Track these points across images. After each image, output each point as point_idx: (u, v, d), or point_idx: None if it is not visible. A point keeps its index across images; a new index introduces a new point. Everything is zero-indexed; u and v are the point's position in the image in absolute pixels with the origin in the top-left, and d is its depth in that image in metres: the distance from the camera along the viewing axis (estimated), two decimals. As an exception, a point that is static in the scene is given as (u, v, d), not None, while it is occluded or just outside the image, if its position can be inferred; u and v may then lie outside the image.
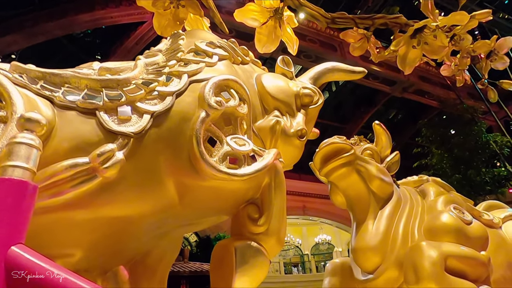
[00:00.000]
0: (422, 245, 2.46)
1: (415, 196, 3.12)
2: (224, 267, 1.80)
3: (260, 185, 1.92)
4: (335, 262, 3.27)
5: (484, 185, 7.71)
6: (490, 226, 3.02)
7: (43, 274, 1.03)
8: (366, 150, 3.18)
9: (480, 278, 2.48)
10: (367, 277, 2.76)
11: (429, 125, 9.06)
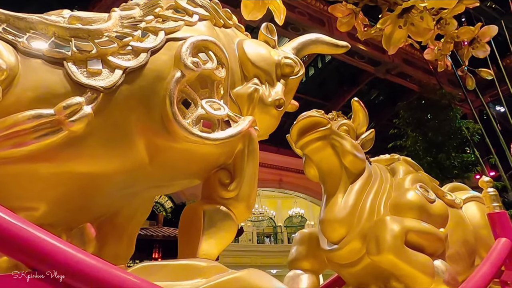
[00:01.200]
0: (386, 220, 2.57)
1: (385, 174, 3.22)
2: (192, 230, 1.83)
3: (233, 151, 1.92)
4: (303, 232, 3.38)
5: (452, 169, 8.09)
6: (451, 205, 3.17)
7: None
8: (343, 125, 3.22)
9: (436, 252, 2.62)
10: (332, 247, 2.87)
11: (407, 108, 9.27)
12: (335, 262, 3.01)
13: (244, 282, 1.58)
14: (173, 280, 1.53)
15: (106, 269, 1.12)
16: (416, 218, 2.70)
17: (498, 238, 2.71)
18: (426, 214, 2.77)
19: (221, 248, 1.82)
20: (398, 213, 2.75)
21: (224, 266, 1.76)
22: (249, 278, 1.62)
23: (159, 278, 1.49)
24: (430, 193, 2.99)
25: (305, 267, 3.11)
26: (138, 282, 1.16)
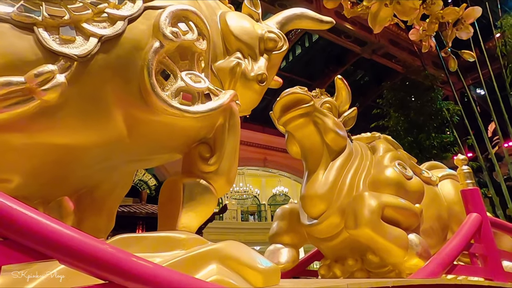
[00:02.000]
0: (364, 195, 2.63)
1: (366, 151, 3.27)
2: (172, 203, 1.83)
3: (214, 125, 1.90)
4: (284, 208, 3.45)
5: (432, 149, 8.32)
6: (427, 182, 3.27)
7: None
8: (326, 103, 3.23)
9: (411, 226, 2.72)
10: (312, 222, 2.94)
11: (391, 88, 9.36)
12: (314, 237, 3.09)
13: (223, 253, 1.60)
14: (152, 252, 1.55)
15: (80, 239, 1.11)
16: (393, 194, 2.78)
17: (469, 213, 2.83)
18: (403, 190, 2.85)
19: (200, 221, 1.83)
20: (377, 189, 2.82)
21: (203, 239, 1.78)
22: (228, 249, 1.65)
23: (137, 249, 1.50)
24: (408, 171, 3.08)
25: (286, 242, 3.19)
26: (114, 252, 1.16)
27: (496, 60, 9.02)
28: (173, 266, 1.41)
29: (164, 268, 1.27)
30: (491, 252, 2.68)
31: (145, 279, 1.16)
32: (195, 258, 1.52)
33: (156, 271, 1.21)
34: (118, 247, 1.23)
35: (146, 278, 1.17)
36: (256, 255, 1.73)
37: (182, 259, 1.48)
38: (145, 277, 1.16)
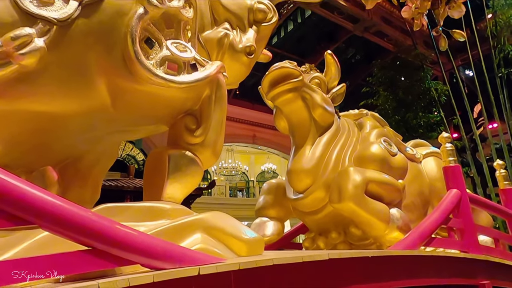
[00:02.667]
0: (349, 170, 2.68)
1: (353, 128, 3.30)
2: (157, 174, 1.83)
3: (200, 97, 1.88)
4: (271, 182, 3.49)
5: (418, 128, 8.45)
6: (411, 159, 3.34)
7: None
8: (315, 78, 3.21)
9: (393, 201, 2.80)
10: (297, 196, 2.99)
11: (381, 67, 9.35)
12: (299, 210, 3.16)
13: (208, 223, 1.63)
14: (137, 221, 1.55)
15: (63, 205, 1.11)
16: (378, 169, 2.84)
17: (450, 189, 2.91)
18: (387, 166, 2.91)
19: (186, 193, 1.85)
20: (362, 164, 2.87)
21: (189, 209, 1.80)
22: (213, 219, 1.67)
23: (122, 219, 1.50)
24: (393, 147, 3.13)
25: (271, 215, 3.25)
26: (97, 218, 1.16)
27: (486, 41, 9.04)
28: (157, 235, 1.42)
29: (148, 236, 1.29)
30: (468, 226, 2.78)
31: (129, 246, 1.18)
32: (180, 227, 1.54)
33: (140, 238, 1.22)
34: (102, 215, 1.24)
35: (130, 244, 1.18)
36: (241, 225, 1.77)
37: (166, 228, 1.50)
38: (128, 244, 1.18)
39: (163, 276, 1.19)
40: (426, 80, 9.20)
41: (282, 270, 1.55)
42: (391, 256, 2.04)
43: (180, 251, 1.32)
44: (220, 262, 1.38)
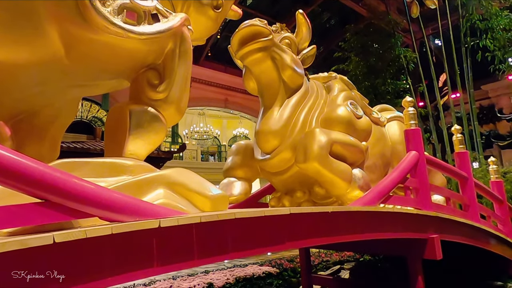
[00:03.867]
0: (315, 131, 2.72)
1: (321, 90, 3.32)
2: (118, 130, 1.77)
3: (163, 50, 1.80)
4: (239, 144, 3.50)
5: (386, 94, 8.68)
6: (376, 123, 3.44)
7: None
8: (285, 39, 3.15)
9: (356, 162, 2.90)
10: (265, 157, 3.02)
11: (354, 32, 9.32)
12: (266, 171, 3.22)
13: (171, 179, 1.62)
14: (96, 177, 1.52)
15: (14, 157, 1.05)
16: (343, 131, 2.91)
17: (409, 151, 3.05)
18: (352, 129, 2.98)
19: (149, 149, 1.81)
20: (328, 126, 2.93)
21: (152, 167, 1.77)
22: (176, 175, 1.66)
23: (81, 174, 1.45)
24: (359, 110, 3.20)
25: (239, 175, 3.29)
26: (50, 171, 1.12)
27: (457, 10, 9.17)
28: (118, 189, 1.40)
29: (106, 189, 1.26)
30: (423, 185, 2.96)
31: (85, 199, 1.15)
32: (142, 183, 1.52)
33: (97, 191, 1.20)
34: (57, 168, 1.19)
35: (86, 197, 1.16)
36: (205, 182, 1.77)
37: (127, 183, 1.48)
38: (84, 196, 1.15)
39: (122, 228, 1.18)
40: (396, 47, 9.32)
41: (244, 224, 1.59)
42: (350, 212, 2.14)
43: (140, 204, 1.31)
44: (182, 215, 1.39)
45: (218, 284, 4.16)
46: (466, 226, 3.31)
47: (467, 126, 9.55)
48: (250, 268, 4.93)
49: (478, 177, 6.32)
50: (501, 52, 7.42)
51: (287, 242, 1.76)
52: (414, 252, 2.81)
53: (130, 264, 1.23)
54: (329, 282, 4.00)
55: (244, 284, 4.35)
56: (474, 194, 3.77)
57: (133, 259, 1.24)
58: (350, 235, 2.15)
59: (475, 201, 3.76)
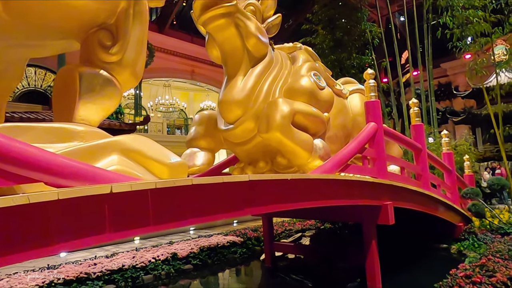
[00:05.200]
0: (278, 101, 2.72)
1: (286, 61, 3.30)
2: (67, 94, 1.66)
3: (115, 10, 1.68)
4: (203, 113, 3.44)
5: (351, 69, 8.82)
6: (338, 95, 3.50)
7: None
8: (250, 5, 3.06)
9: (318, 133, 2.96)
10: (228, 127, 3.00)
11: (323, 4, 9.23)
12: (230, 141, 3.20)
13: (125, 145, 1.56)
14: (43, 142, 1.43)
15: None
16: (306, 102, 2.93)
17: (368, 122, 3.15)
18: (314, 99, 3.01)
19: (102, 115, 1.73)
20: (291, 96, 2.93)
21: (106, 133, 1.70)
22: (131, 142, 1.60)
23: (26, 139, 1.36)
24: (322, 81, 3.22)
25: (202, 146, 3.25)
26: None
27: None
28: (67, 155, 1.33)
29: (51, 153, 1.19)
30: (380, 156, 3.09)
31: (27, 163, 1.08)
32: (94, 149, 1.46)
33: (41, 155, 1.13)
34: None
35: (28, 161, 1.09)
36: (163, 149, 1.73)
37: (77, 149, 1.41)
38: (27, 161, 1.08)
39: (71, 193, 1.13)
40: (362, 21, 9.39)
41: (202, 191, 1.58)
42: (309, 179, 2.20)
43: (90, 170, 1.26)
44: (136, 181, 1.36)
45: (182, 254, 4.20)
46: (418, 194, 3.53)
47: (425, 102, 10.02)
48: (215, 238, 5.00)
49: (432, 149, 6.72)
50: (459, 30, 7.70)
51: (246, 209, 1.78)
52: (369, 218, 2.97)
53: (82, 230, 1.19)
54: (290, 248, 4.16)
55: (208, 253, 4.42)
56: (426, 164, 4.01)
57: (84, 225, 1.20)
58: (309, 202, 2.22)
59: (427, 171, 4.00)
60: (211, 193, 1.62)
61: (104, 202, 1.23)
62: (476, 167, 9.47)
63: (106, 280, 3.44)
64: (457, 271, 2.69)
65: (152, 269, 3.81)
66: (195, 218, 1.55)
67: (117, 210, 1.27)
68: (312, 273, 3.77)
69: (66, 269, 3.43)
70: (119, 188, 1.25)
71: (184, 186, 1.48)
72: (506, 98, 8.83)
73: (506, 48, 11.29)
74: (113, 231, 1.26)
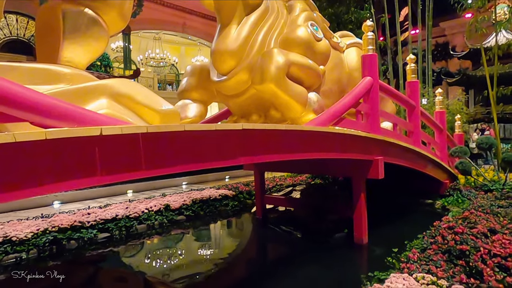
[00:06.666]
0: (273, 51, 2.63)
1: (282, 10, 3.14)
2: (51, 34, 1.56)
3: None
4: (195, 65, 3.33)
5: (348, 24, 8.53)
6: (335, 48, 3.40)
7: None
8: None
9: (313, 86, 2.90)
10: (221, 78, 2.92)
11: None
12: (223, 93, 3.13)
13: (115, 89, 1.50)
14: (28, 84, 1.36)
15: None
16: (302, 53, 2.83)
17: (364, 77, 3.09)
18: (310, 51, 2.92)
19: (89, 58, 1.64)
20: (287, 47, 2.83)
21: (93, 76, 1.63)
22: (121, 86, 1.54)
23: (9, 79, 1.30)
24: (319, 33, 3.10)
25: (194, 98, 3.18)
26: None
27: None
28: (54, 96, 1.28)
29: (37, 92, 1.14)
30: (374, 111, 3.07)
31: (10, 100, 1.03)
32: (81, 91, 1.40)
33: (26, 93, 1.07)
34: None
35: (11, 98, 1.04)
36: (154, 96, 1.67)
37: (64, 91, 1.35)
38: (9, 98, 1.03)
39: (59, 133, 1.10)
40: (362, -28, 8.96)
41: (195, 138, 1.56)
42: (303, 131, 2.18)
43: (79, 111, 1.22)
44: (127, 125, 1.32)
45: (174, 206, 4.28)
46: (408, 150, 3.58)
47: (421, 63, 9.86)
48: (207, 191, 5.08)
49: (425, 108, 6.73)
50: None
51: (239, 157, 1.78)
52: (359, 172, 3.02)
53: (73, 172, 1.17)
54: (281, 201, 4.27)
55: (200, 205, 4.51)
56: (419, 122, 4.02)
57: (74, 167, 1.18)
58: (302, 153, 2.22)
59: (419, 129, 4.03)
60: (204, 141, 1.60)
61: (94, 144, 1.20)
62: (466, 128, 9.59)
63: (100, 229, 3.52)
64: (441, 223, 2.80)
65: (145, 219, 3.89)
66: (187, 165, 1.54)
67: (108, 153, 1.24)
68: (301, 224, 3.91)
69: (60, 218, 3.47)
70: (110, 131, 1.22)
71: (177, 132, 1.45)
72: (502, 60, 8.73)
73: (508, 6, 10.99)
74: (105, 174, 1.25)
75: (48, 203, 4.96)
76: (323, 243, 3.31)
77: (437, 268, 1.97)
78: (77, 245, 3.25)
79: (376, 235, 3.23)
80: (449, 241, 2.26)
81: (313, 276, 2.48)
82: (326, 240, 3.39)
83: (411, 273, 1.92)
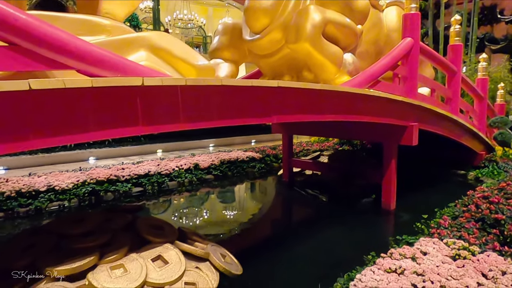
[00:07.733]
0: (309, 8, 2.52)
1: (320, -37, 2.96)
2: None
3: None
4: (226, 23, 3.26)
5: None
6: (374, 6, 3.20)
7: None
8: None
9: (349, 46, 2.78)
10: (253, 37, 2.85)
11: None
12: (255, 53, 3.07)
13: (153, 42, 1.51)
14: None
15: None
16: (339, 11, 2.70)
17: (405, 37, 2.93)
18: (348, 9, 2.76)
19: (126, 11, 1.64)
20: (323, 4, 2.68)
21: (131, 29, 1.64)
22: (160, 39, 1.55)
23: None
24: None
25: (226, 57, 3.14)
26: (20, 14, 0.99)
27: None
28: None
29: (84, 41, 1.16)
30: (412, 75, 2.93)
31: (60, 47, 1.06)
32: (121, 43, 1.42)
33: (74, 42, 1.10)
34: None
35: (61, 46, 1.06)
36: (191, 50, 1.67)
37: (105, 41, 1.37)
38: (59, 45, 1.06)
39: (104, 82, 1.13)
40: None
41: (231, 92, 1.55)
42: (338, 92, 2.13)
43: (123, 61, 1.24)
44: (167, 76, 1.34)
45: (203, 165, 4.40)
46: (445, 118, 3.43)
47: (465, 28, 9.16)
48: (235, 153, 5.16)
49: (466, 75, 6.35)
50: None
51: (273, 116, 1.77)
52: (392, 138, 2.94)
53: (115, 121, 1.22)
54: (308, 165, 4.27)
55: (228, 165, 4.61)
56: (458, 89, 3.82)
57: (117, 116, 1.22)
58: (336, 115, 2.19)
59: (458, 96, 3.83)
60: (240, 96, 1.60)
61: (136, 94, 1.23)
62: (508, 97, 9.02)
63: (134, 183, 3.70)
64: (475, 192, 2.73)
65: (176, 177, 4.04)
66: (223, 120, 1.55)
67: (148, 104, 1.27)
68: (328, 188, 3.93)
69: (96, 171, 3.67)
70: (151, 82, 1.24)
71: (214, 86, 1.45)
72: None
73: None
74: (146, 124, 1.28)
75: (84, 158, 5.24)
76: (349, 207, 3.33)
77: (469, 235, 1.94)
78: (113, 197, 3.45)
79: (404, 202, 3.20)
80: (483, 210, 2.21)
81: (338, 238, 2.53)
82: (353, 205, 3.41)
83: (441, 238, 1.91)
